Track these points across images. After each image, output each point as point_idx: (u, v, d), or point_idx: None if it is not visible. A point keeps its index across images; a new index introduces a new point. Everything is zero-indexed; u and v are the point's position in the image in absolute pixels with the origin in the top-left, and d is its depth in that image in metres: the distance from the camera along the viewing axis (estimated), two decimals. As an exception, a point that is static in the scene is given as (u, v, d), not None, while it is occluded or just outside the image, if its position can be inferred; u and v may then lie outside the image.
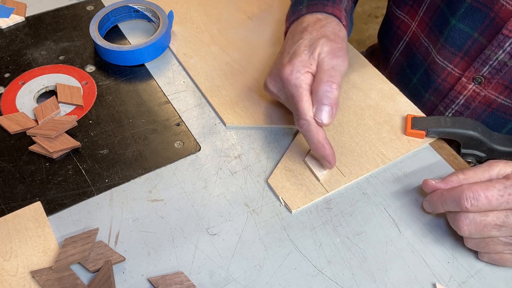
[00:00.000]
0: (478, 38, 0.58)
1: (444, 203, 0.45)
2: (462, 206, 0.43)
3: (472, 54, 0.59)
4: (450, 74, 0.62)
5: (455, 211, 0.45)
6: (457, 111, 0.63)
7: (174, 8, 0.72)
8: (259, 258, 0.47)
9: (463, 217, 0.43)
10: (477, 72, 0.59)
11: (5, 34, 0.68)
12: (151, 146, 0.55)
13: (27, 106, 0.59)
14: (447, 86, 0.63)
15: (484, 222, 0.43)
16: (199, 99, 0.61)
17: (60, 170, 0.53)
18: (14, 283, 0.44)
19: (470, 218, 0.43)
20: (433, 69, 0.64)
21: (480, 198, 0.42)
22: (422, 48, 0.65)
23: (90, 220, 0.49)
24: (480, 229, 0.43)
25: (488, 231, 0.43)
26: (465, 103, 0.62)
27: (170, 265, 0.46)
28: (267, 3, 0.74)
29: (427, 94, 0.66)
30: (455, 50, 0.60)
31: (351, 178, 0.52)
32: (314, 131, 0.48)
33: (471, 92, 0.60)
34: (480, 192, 0.42)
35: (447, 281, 0.46)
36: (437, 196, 0.47)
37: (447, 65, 0.62)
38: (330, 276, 0.46)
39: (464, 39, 0.59)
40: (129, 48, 0.62)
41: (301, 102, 0.48)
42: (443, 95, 0.64)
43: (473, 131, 0.54)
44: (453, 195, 0.44)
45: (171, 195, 0.51)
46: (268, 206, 0.50)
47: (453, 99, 0.63)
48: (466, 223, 0.43)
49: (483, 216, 0.43)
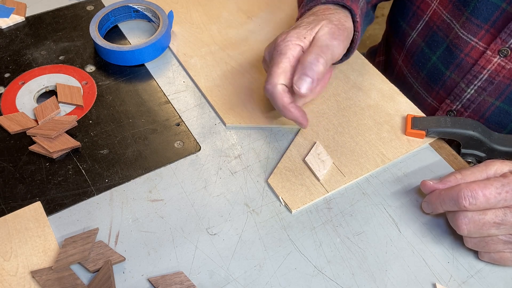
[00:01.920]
0: (507, 8, 0.57)
1: (442, 203, 0.46)
2: (461, 205, 0.43)
3: (499, 26, 0.58)
4: (474, 48, 0.61)
5: (454, 210, 0.45)
6: (480, 87, 0.62)
7: (174, 8, 0.72)
8: (259, 258, 0.47)
9: (461, 216, 0.44)
10: (503, 44, 0.58)
11: (5, 34, 0.68)
12: (151, 146, 0.55)
13: (27, 106, 0.59)
14: (470, 61, 0.62)
15: (483, 220, 0.43)
16: (199, 99, 0.61)
17: (60, 170, 0.53)
18: (14, 283, 0.44)
19: (469, 217, 0.43)
20: (456, 44, 0.63)
21: (478, 196, 0.43)
22: (444, 25, 0.64)
23: (90, 220, 0.49)
24: (479, 227, 0.43)
25: (487, 230, 0.43)
26: (488, 78, 0.61)
27: (170, 265, 0.46)
28: (267, 3, 0.74)
29: (448, 71, 0.65)
30: (480, 22, 0.59)
31: (351, 178, 0.52)
32: (278, 97, 0.50)
33: (496, 65, 0.60)
34: (478, 191, 0.43)
35: (447, 281, 0.46)
36: (435, 196, 0.47)
37: (471, 39, 0.61)
38: (330, 276, 0.46)
39: (492, 10, 0.58)
40: (129, 48, 0.62)
41: (275, 66, 0.50)
42: (466, 71, 0.63)
43: (473, 131, 0.54)
44: (451, 194, 0.44)
45: (171, 195, 0.51)
46: (268, 206, 0.50)
47: (476, 74, 0.61)
48: (465, 222, 0.43)
49: (482, 214, 0.43)
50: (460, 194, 0.43)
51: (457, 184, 0.45)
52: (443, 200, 0.45)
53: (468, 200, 0.43)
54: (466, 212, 0.43)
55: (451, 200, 0.44)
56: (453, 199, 0.44)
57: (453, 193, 0.44)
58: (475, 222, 0.43)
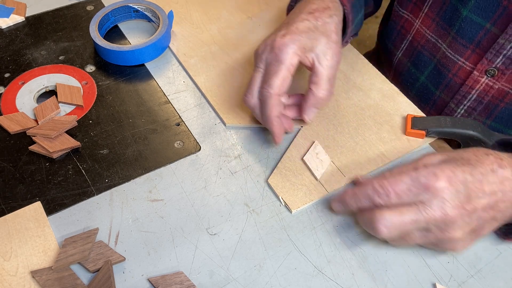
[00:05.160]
0: (491, 28, 0.57)
1: (357, 200, 0.45)
2: (375, 202, 0.43)
3: (484, 46, 0.58)
4: (461, 68, 0.61)
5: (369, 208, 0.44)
6: (470, 107, 0.62)
7: (174, 8, 0.72)
8: (259, 258, 0.47)
9: (380, 219, 0.42)
10: (489, 64, 0.58)
11: (5, 34, 0.68)
12: (151, 146, 0.55)
13: (27, 106, 0.59)
14: (458, 81, 0.62)
15: (403, 221, 0.42)
16: (199, 99, 0.61)
17: (60, 170, 0.53)
18: (14, 283, 0.44)
19: (387, 219, 0.42)
20: (444, 64, 0.63)
21: (390, 194, 0.42)
22: (429, 44, 0.65)
23: (90, 220, 0.49)
24: (399, 227, 0.42)
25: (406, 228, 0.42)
26: (477, 98, 0.61)
27: (170, 265, 0.46)
28: (267, 3, 0.74)
29: (437, 91, 0.66)
30: (466, 42, 0.60)
31: (351, 178, 0.52)
32: (270, 105, 0.51)
33: (484, 85, 0.60)
34: (389, 188, 0.42)
35: (447, 281, 0.46)
36: (349, 195, 0.46)
37: (459, 58, 0.61)
38: (330, 276, 0.46)
39: (476, 30, 0.58)
40: (129, 48, 0.62)
41: (275, 76, 0.50)
42: (454, 91, 0.63)
43: (473, 131, 0.54)
44: (366, 191, 0.44)
45: (171, 195, 0.51)
46: (268, 206, 0.50)
47: (465, 94, 0.62)
48: (385, 225, 0.42)
49: (400, 215, 0.42)
50: (374, 191, 0.43)
51: (369, 181, 0.44)
52: (357, 197, 0.45)
53: (382, 198, 0.43)
54: (384, 214, 0.42)
55: (366, 197, 0.44)
56: (367, 197, 0.44)
57: (367, 190, 0.44)
58: (394, 223, 0.42)
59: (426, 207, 0.41)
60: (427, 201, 0.42)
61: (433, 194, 0.41)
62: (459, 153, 0.45)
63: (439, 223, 0.42)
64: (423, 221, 0.42)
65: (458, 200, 0.41)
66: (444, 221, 0.41)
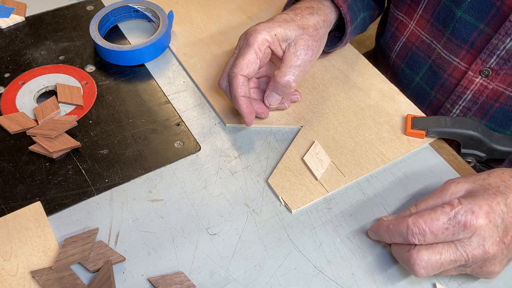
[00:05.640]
0: (484, 29, 0.57)
1: (392, 236, 0.44)
2: (410, 242, 0.42)
3: (478, 46, 0.59)
4: (456, 69, 0.61)
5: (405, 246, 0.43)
6: (465, 107, 0.63)
7: (174, 8, 0.72)
8: (259, 258, 0.47)
9: (417, 259, 0.41)
10: (484, 64, 0.58)
11: (5, 34, 0.68)
12: (151, 146, 0.55)
13: (27, 106, 0.59)
14: (453, 81, 0.62)
15: (440, 261, 0.41)
16: (199, 99, 0.61)
17: (60, 170, 0.53)
18: (14, 283, 0.44)
19: (425, 260, 0.41)
20: (439, 64, 0.63)
21: (426, 233, 0.41)
22: (423, 45, 0.65)
23: (90, 220, 0.49)
24: (437, 268, 0.41)
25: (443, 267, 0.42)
26: (472, 98, 0.61)
27: (170, 265, 0.46)
28: (267, 3, 0.74)
29: (433, 91, 0.66)
30: (460, 42, 0.60)
31: (351, 178, 0.52)
32: (235, 85, 0.52)
33: (478, 86, 0.60)
34: (425, 227, 0.41)
35: (447, 281, 0.46)
36: (383, 229, 0.45)
37: (453, 59, 0.61)
38: (330, 276, 0.46)
39: (470, 31, 0.58)
40: (129, 48, 0.62)
41: (242, 58, 0.52)
42: (450, 92, 0.63)
43: (473, 131, 0.54)
44: (400, 230, 0.43)
45: (171, 195, 0.51)
46: (268, 206, 0.50)
47: (460, 94, 0.62)
48: (422, 266, 0.41)
49: (437, 254, 0.41)
50: (409, 231, 0.42)
51: (405, 219, 0.43)
52: (392, 234, 0.44)
53: (417, 238, 0.41)
54: (421, 256, 0.41)
55: (400, 235, 0.43)
56: (402, 235, 0.42)
57: (402, 229, 0.42)
58: (432, 264, 0.41)
59: (466, 246, 0.41)
60: (466, 239, 0.41)
61: (472, 232, 0.40)
62: (484, 178, 0.44)
63: (478, 260, 0.41)
64: (463, 260, 0.41)
65: (497, 235, 0.41)
66: (483, 258, 0.41)
